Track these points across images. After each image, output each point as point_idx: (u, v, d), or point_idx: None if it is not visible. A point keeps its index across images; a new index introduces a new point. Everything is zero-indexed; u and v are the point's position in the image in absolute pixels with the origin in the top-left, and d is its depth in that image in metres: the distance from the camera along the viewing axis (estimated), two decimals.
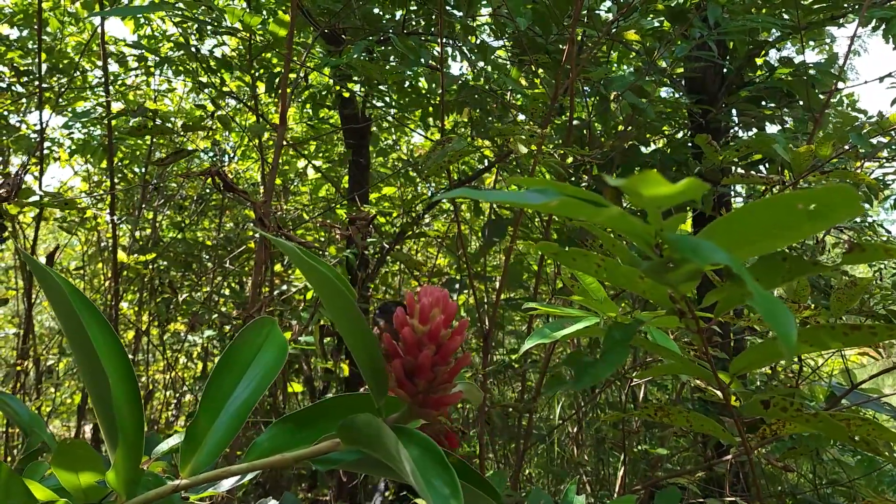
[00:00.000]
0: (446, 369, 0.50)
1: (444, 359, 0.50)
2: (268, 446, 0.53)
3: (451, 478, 0.43)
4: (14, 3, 3.25)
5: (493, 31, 2.90)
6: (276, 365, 0.57)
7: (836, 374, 3.33)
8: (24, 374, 2.95)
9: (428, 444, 0.47)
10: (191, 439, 0.53)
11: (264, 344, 0.58)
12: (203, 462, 0.52)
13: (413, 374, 0.50)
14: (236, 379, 0.56)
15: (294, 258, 0.49)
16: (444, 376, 0.50)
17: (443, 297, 0.51)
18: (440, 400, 0.51)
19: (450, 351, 0.50)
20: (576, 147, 2.36)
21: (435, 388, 0.51)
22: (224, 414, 0.54)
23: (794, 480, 2.77)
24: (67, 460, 0.52)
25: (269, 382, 0.56)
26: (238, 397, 0.55)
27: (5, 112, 3.05)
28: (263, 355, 0.58)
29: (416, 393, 0.50)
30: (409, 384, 0.50)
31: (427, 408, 0.51)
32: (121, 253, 2.87)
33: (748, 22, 2.26)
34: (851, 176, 1.24)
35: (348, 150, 3.24)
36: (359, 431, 0.48)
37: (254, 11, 2.50)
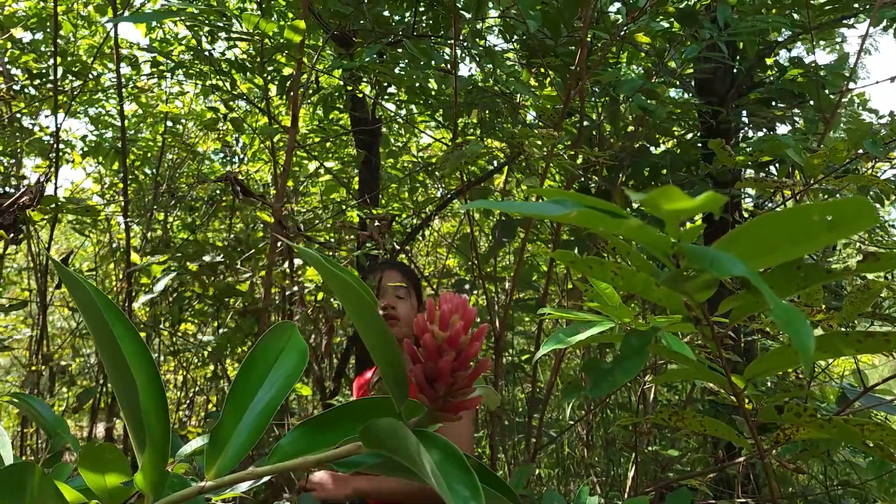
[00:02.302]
0: (466, 374, 0.51)
1: (464, 364, 0.51)
2: (290, 449, 0.54)
3: (472, 480, 0.44)
4: (28, 6, 3.27)
5: (503, 32, 2.90)
6: (298, 370, 0.58)
7: (847, 375, 3.32)
8: (38, 374, 2.98)
9: (448, 448, 0.48)
10: (215, 442, 0.54)
11: (285, 348, 0.59)
12: (227, 464, 0.53)
13: (433, 380, 0.51)
14: (258, 383, 0.57)
15: (317, 265, 0.49)
16: (464, 381, 0.51)
17: (462, 303, 0.52)
18: (460, 405, 0.52)
19: (469, 356, 0.51)
20: (586, 148, 2.37)
21: (454, 392, 0.52)
22: (247, 417, 0.55)
23: (806, 482, 2.77)
24: (95, 462, 0.53)
25: (290, 386, 0.57)
26: (260, 401, 0.56)
27: (19, 114, 3.08)
28: (284, 360, 0.58)
29: (437, 398, 0.51)
30: (429, 389, 0.51)
31: (447, 412, 0.52)
32: (133, 254, 2.90)
33: (758, 23, 2.26)
34: (863, 179, 1.24)
35: (359, 152, 3.25)
36: (381, 435, 0.49)
37: (266, 16, 2.52)
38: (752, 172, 2.69)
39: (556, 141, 1.64)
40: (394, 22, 2.88)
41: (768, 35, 2.78)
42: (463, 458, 0.46)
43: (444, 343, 0.50)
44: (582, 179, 2.64)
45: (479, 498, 0.43)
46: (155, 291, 0.79)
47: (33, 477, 0.49)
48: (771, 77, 2.91)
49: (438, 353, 0.51)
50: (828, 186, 1.47)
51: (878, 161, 2.12)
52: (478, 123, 3.06)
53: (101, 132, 3.82)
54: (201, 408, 3.81)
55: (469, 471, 0.45)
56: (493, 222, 3.21)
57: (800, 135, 2.61)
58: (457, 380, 0.51)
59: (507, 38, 2.87)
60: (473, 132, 3.20)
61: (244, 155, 4.20)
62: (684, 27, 2.46)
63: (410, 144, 4.43)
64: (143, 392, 0.52)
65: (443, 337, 0.50)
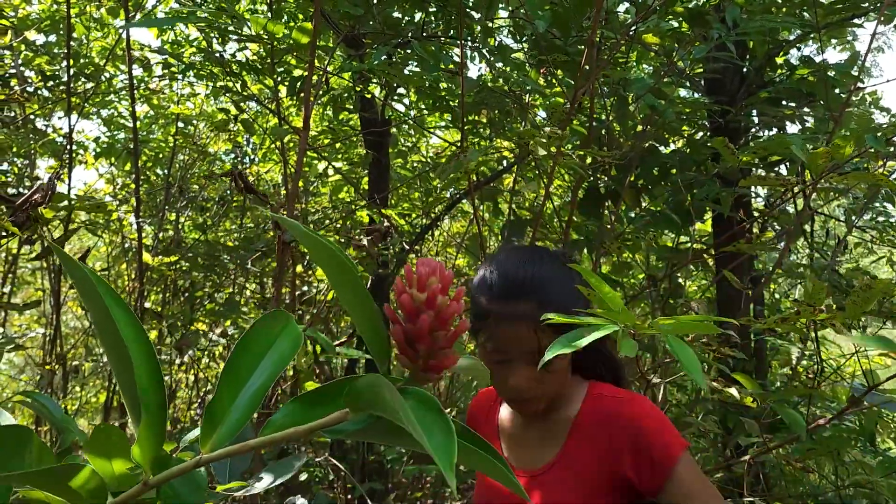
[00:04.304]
0: (445, 334, 0.53)
1: (443, 324, 0.52)
2: (282, 422, 0.55)
3: (447, 424, 0.46)
4: (42, 9, 3.31)
5: (512, 33, 2.91)
6: (290, 353, 0.60)
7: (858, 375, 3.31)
8: (52, 373, 3.01)
9: (424, 396, 0.50)
10: (211, 417, 0.55)
11: (280, 335, 0.61)
12: (223, 438, 0.55)
13: (413, 341, 0.53)
14: (254, 364, 0.59)
15: (299, 235, 0.51)
16: (444, 342, 0.53)
17: (439, 266, 0.53)
18: (440, 364, 0.54)
19: (448, 316, 0.52)
20: (594, 148, 2.37)
21: (435, 352, 0.53)
22: (243, 394, 0.57)
23: (816, 482, 2.76)
24: (102, 446, 0.54)
25: (282, 368, 0.59)
26: (255, 381, 0.58)
27: (32, 116, 3.11)
28: (279, 344, 0.61)
29: (417, 358, 0.53)
30: (409, 350, 0.53)
31: (428, 372, 0.54)
32: (145, 254, 2.92)
33: (767, 22, 2.25)
34: (869, 177, 1.24)
35: (369, 153, 3.27)
36: (362, 390, 0.50)
37: (276, 18, 2.53)
38: (762, 172, 2.68)
39: (562, 141, 1.65)
40: (403, 23, 2.90)
41: (778, 34, 2.78)
42: (437, 404, 0.48)
43: (421, 304, 0.52)
44: (591, 179, 2.64)
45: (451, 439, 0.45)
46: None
47: (31, 442, 0.50)
48: (780, 76, 2.91)
49: (416, 314, 0.52)
50: (836, 185, 1.47)
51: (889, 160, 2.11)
52: (487, 123, 3.06)
53: (113, 133, 3.86)
54: None
55: (444, 416, 0.47)
56: (502, 222, 3.21)
57: (810, 134, 2.61)
58: (436, 340, 0.52)
59: (517, 38, 2.88)
60: (483, 132, 3.21)
61: (255, 156, 4.23)
62: (693, 27, 2.46)
63: (420, 145, 4.45)
64: (139, 366, 0.54)
65: (420, 298, 0.52)
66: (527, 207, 3.17)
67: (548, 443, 1.17)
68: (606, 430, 1.10)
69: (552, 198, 3.10)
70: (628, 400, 1.12)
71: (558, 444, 1.15)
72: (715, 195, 2.40)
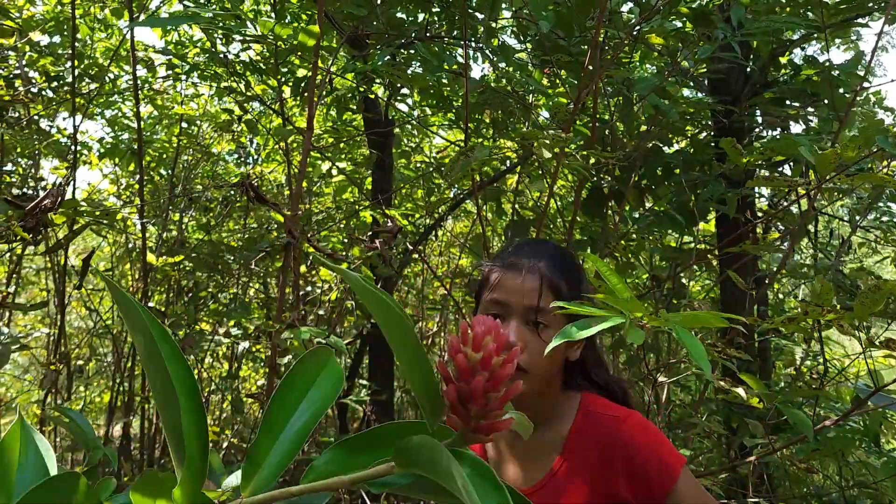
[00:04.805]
0: (498, 396, 0.52)
1: (496, 386, 0.52)
2: (324, 470, 0.55)
3: (504, 497, 0.46)
4: (46, 10, 3.32)
5: (515, 33, 2.91)
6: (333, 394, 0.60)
7: (863, 376, 3.30)
8: (56, 373, 3.02)
9: (480, 466, 0.49)
10: (252, 461, 0.55)
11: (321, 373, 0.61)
12: (263, 482, 0.54)
13: (466, 401, 0.52)
14: (294, 406, 0.59)
15: (358, 289, 0.50)
16: (496, 403, 0.52)
17: (495, 326, 0.53)
18: (492, 426, 0.53)
19: (501, 378, 0.52)
20: (598, 148, 2.37)
21: (486, 413, 0.52)
22: (282, 438, 0.57)
23: (821, 482, 2.76)
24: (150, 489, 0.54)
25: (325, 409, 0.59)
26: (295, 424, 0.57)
27: (37, 117, 3.12)
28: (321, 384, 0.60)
29: (469, 419, 0.52)
30: (461, 410, 0.52)
31: (479, 433, 0.53)
32: (149, 255, 2.93)
33: (772, 22, 2.25)
34: (875, 178, 1.24)
35: (372, 153, 3.27)
36: (414, 452, 0.50)
37: (280, 18, 2.54)
38: (766, 172, 2.68)
39: (565, 142, 1.65)
40: (407, 23, 2.90)
41: (782, 34, 2.77)
42: (494, 474, 0.48)
43: (476, 364, 0.51)
44: (594, 179, 2.64)
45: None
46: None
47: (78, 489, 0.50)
48: (785, 76, 2.90)
49: (471, 374, 0.51)
50: (841, 185, 1.47)
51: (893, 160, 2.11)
52: (490, 124, 3.07)
53: (117, 134, 3.86)
54: (216, 406, 3.85)
55: (501, 487, 0.46)
56: (505, 222, 3.21)
57: (814, 134, 2.60)
58: (489, 401, 0.52)
59: (521, 38, 2.88)
60: (486, 132, 3.21)
61: (258, 156, 4.24)
62: (697, 27, 2.46)
63: (423, 145, 4.45)
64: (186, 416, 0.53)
65: (476, 358, 0.51)
66: (530, 207, 3.17)
67: (535, 461, 1.11)
68: (599, 451, 1.06)
69: (556, 198, 3.10)
70: (623, 418, 1.07)
71: (547, 463, 1.09)
72: (719, 195, 2.39)
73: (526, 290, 1.07)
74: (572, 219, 2.35)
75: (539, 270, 1.09)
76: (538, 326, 1.06)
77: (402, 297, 4.58)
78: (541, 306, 1.06)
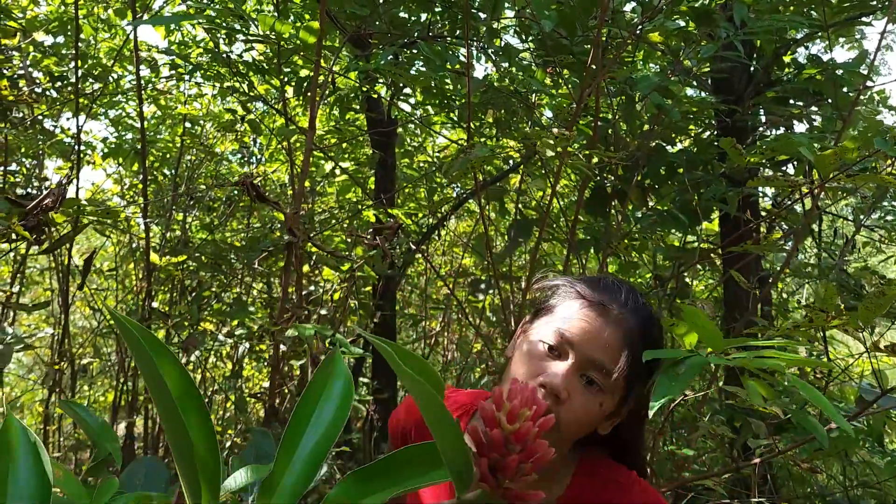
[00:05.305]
0: (529, 466, 0.51)
1: (529, 458, 0.51)
2: (339, 500, 0.55)
3: None
4: (50, 11, 3.33)
5: (518, 33, 2.91)
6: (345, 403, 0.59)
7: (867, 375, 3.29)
8: (60, 373, 3.03)
9: None
10: (266, 489, 0.55)
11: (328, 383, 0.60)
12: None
13: (497, 471, 0.52)
14: (305, 424, 0.58)
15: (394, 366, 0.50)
16: (527, 470, 0.51)
17: (533, 397, 0.52)
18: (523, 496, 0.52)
19: (535, 451, 0.51)
20: (601, 148, 2.37)
21: (517, 482, 0.52)
22: (297, 460, 0.56)
23: (825, 482, 2.75)
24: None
25: (342, 421, 0.57)
26: (308, 443, 0.57)
27: (41, 117, 3.13)
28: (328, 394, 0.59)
29: (498, 486, 0.52)
30: (492, 479, 0.52)
31: (508, 499, 0.52)
32: (153, 254, 2.94)
33: (775, 21, 2.25)
34: (876, 178, 1.24)
35: (375, 153, 3.27)
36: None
37: (282, 18, 2.54)
38: (769, 171, 2.67)
39: (568, 141, 1.65)
40: (410, 23, 2.90)
41: (786, 33, 2.77)
42: None
43: (510, 436, 0.51)
44: (597, 179, 2.64)
45: None
46: None
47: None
48: (788, 75, 2.90)
49: (505, 447, 0.51)
50: (844, 185, 1.46)
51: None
52: (493, 123, 3.06)
53: (121, 134, 3.87)
54: (220, 406, 3.85)
55: None
56: (508, 222, 3.21)
57: (817, 133, 2.60)
58: (520, 471, 0.51)
59: (523, 37, 2.88)
60: (489, 132, 3.21)
61: (261, 156, 4.24)
62: (700, 26, 2.45)
63: (426, 144, 4.45)
64: (196, 437, 0.53)
65: (510, 430, 0.51)
66: (533, 207, 3.17)
67: None
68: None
69: (559, 197, 3.10)
70: (628, 487, 0.96)
71: None
72: (722, 195, 2.39)
73: (603, 342, 0.91)
74: (575, 218, 2.34)
75: (628, 329, 0.92)
76: (591, 385, 0.91)
77: (405, 296, 4.58)
78: (609, 368, 0.90)
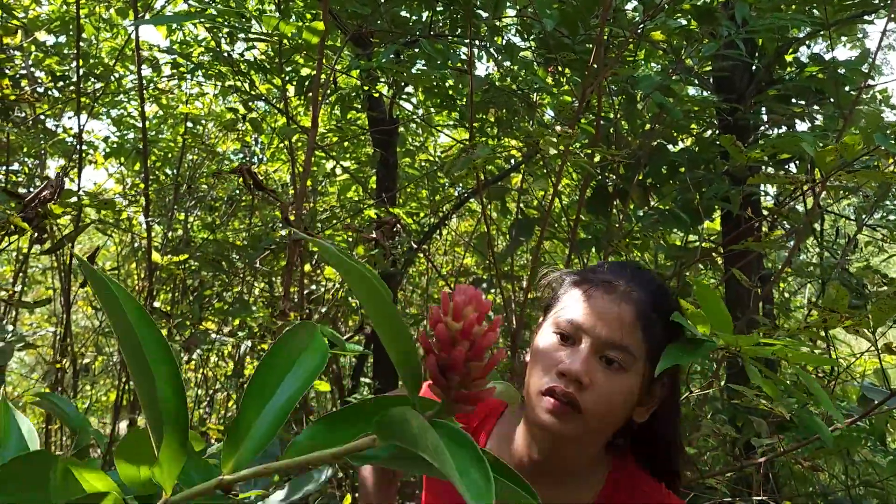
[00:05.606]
0: (480, 365, 0.51)
1: (478, 355, 0.51)
2: (306, 444, 0.54)
3: (485, 470, 0.44)
4: (52, 10, 3.33)
5: (520, 32, 2.91)
6: (317, 369, 0.58)
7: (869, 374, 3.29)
8: (62, 371, 3.03)
9: (460, 436, 0.48)
10: (233, 437, 0.54)
11: (307, 349, 0.59)
12: (245, 459, 0.53)
13: (447, 371, 0.51)
14: (278, 381, 0.57)
15: (332, 259, 0.50)
16: (478, 372, 0.51)
17: (476, 295, 0.52)
18: (475, 396, 0.52)
19: (483, 347, 0.51)
20: (603, 146, 2.37)
21: (469, 383, 0.52)
22: (266, 414, 0.55)
23: (827, 481, 2.75)
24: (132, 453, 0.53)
25: (309, 385, 0.57)
26: (279, 399, 0.56)
27: (42, 116, 3.13)
28: (305, 359, 0.58)
29: (451, 389, 0.51)
30: (443, 380, 0.51)
31: (461, 403, 0.52)
32: (154, 254, 2.94)
33: (776, 19, 2.24)
34: (877, 175, 1.24)
35: (376, 152, 3.27)
36: (393, 424, 0.49)
37: (284, 17, 2.54)
38: (772, 170, 2.67)
39: (571, 140, 1.64)
40: (411, 22, 2.90)
41: (787, 31, 2.76)
42: (476, 447, 0.47)
43: (457, 334, 0.51)
44: (599, 178, 2.63)
45: (489, 485, 0.43)
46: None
47: (54, 468, 0.50)
48: (790, 74, 2.89)
49: (452, 344, 0.51)
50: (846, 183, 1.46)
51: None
52: (495, 122, 3.06)
53: (122, 133, 3.88)
54: (221, 405, 3.86)
55: (482, 460, 0.45)
56: (509, 221, 3.21)
57: (819, 132, 2.59)
58: (471, 370, 0.51)
59: (525, 36, 2.87)
60: (491, 131, 3.21)
61: (263, 155, 4.24)
62: (702, 24, 2.45)
63: (428, 144, 4.45)
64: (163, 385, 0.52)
65: (456, 328, 0.51)
66: (535, 206, 3.17)
67: None
68: None
69: (560, 196, 3.09)
70: (657, 495, 0.93)
71: None
72: (724, 193, 2.39)
73: (616, 319, 0.87)
74: (576, 217, 2.34)
75: (637, 301, 0.89)
76: (611, 364, 0.86)
77: (406, 296, 4.58)
78: (626, 345, 0.86)
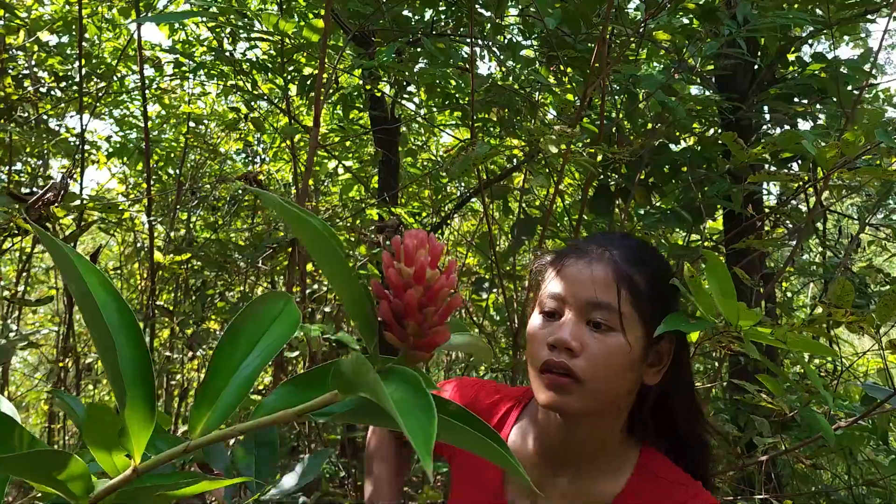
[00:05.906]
0: (436, 310, 0.50)
1: (433, 299, 0.50)
2: (273, 405, 0.53)
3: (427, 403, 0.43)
4: (54, 10, 3.34)
5: (522, 31, 2.91)
6: (287, 335, 0.57)
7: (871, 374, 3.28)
8: (65, 371, 3.03)
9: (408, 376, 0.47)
10: (201, 401, 0.53)
11: (279, 317, 0.58)
12: (213, 423, 0.53)
13: (402, 317, 0.50)
14: (249, 347, 0.56)
15: (278, 208, 0.48)
16: (434, 318, 0.50)
17: (427, 237, 0.50)
18: (430, 341, 0.50)
19: (438, 291, 0.50)
20: (605, 145, 2.37)
21: (424, 330, 0.50)
22: (235, 379, 0.54)
23: (829, 480, 2.74)
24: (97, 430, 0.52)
25: (277, 350, 0.56)
26: (249, 365, 0.55)
27: (45, 116, 3.14)
28: (276, 327, 0.57)
29: (406, 335, 0.50)
30: (398, 327, 0.50)
31: (418, 350, 0.51)
32: (157, 253, 2.94)
33: (779, 18, 2.24)
34: (880, 173, 1.23)
35: (378, 151, 3.27)
36: (346, 373, 0.48)
37: (286, 16, 2.54)
38: (773, 169, 2.67)
39: (572, 138, 1.64)
40: (413, 21, 2.90)
41: (790, 30, 2.76)
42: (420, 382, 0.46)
43: (409, 279, 0.49)
44: (601, 177, 2.63)
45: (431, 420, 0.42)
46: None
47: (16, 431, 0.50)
48: (792, 73, 2.89)
49: (404, 289, 0.49)
50: (848, 182, 1.46)
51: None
52: (497, 122, 3.06)
53: (125, 133, 3.88)
54: None
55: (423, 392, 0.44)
56: (512, 220, 3.21)
57: (821, 130, 2.59)
58: (426, 316, 0.50)
59: (527, 35, 2.87)
60: (494, 130, 3.21)
61: (265, 154, 4.25)
62: (704, 23, 2.45)
63: (430, 143, 4.45)
64: (126, 351, 0.52)
65: (408, 272, 0.49)
66: (537, 206, 3.17)
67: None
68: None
69: (562, 196, 3.09)
70: (689, 493, 0.88)
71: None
72: (726, 192, 2.39)
73: (590, 280, 0.85)
74: (579, 216, 2.35)
75: (610, 258, 0.87)
76: (599, 327, 0.84)
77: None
78: (606, 302, 0.84)
